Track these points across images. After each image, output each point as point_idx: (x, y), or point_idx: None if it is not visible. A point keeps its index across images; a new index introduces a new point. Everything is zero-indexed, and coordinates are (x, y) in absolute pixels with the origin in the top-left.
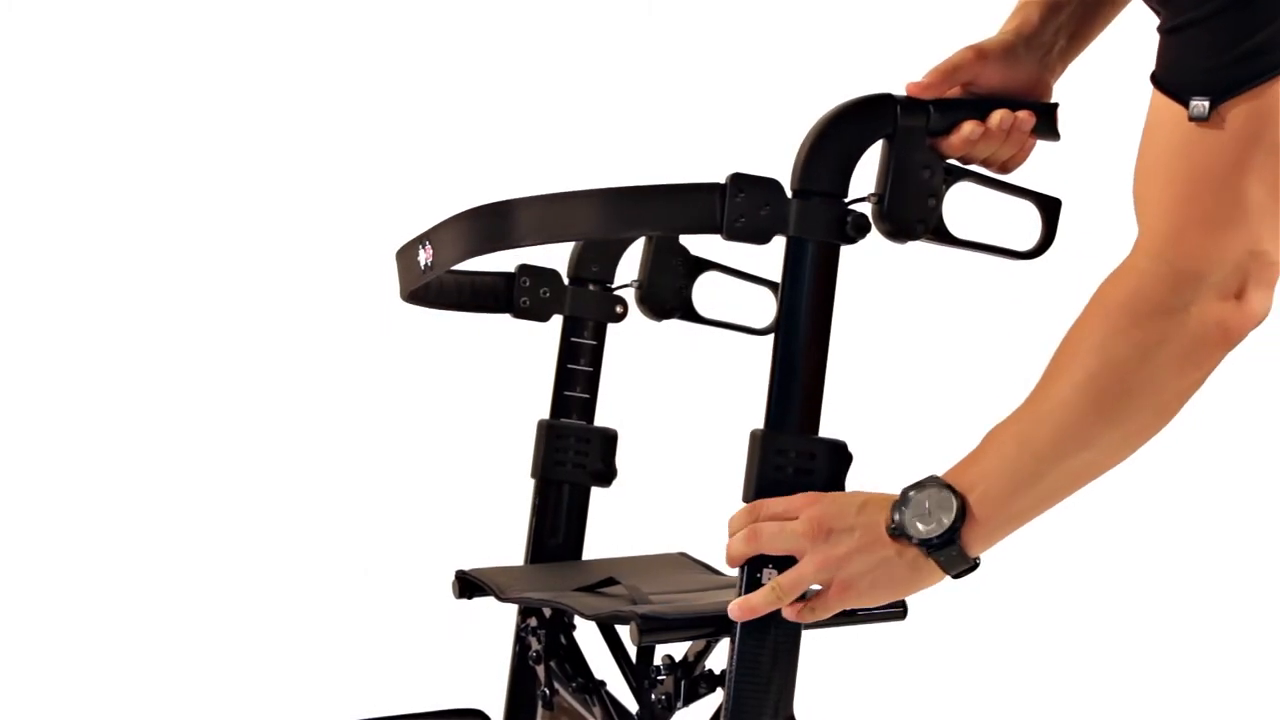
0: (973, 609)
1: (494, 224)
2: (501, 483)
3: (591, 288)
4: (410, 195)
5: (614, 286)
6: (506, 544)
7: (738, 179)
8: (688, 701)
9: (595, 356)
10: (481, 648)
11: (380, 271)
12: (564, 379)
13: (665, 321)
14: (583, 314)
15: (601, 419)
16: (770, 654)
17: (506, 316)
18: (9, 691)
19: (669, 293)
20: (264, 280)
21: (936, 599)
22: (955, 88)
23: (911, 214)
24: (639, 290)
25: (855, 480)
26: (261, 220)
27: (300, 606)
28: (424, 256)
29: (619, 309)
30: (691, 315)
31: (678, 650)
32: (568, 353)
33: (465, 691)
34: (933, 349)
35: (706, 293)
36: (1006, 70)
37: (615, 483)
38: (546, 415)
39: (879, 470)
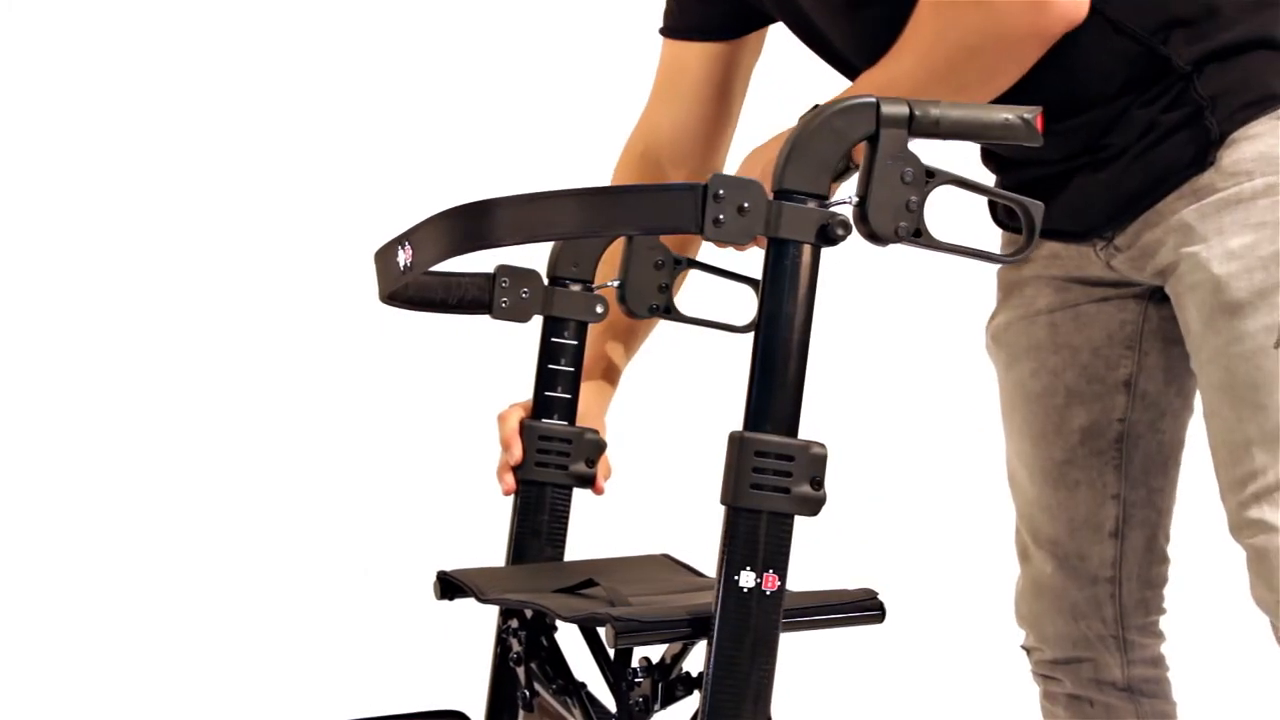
0: (949, 611)
1: (473, 223)
2: (483, 484)
3: (572, 287)
4: (393, 197)
5: (594, 286)
6: (488, 545)
7: (718, 180)
8: (665, 704)
9: (576, 357)
10: (462, 649)
11: (369, 278)
12: (545, 380)
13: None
14: (563, 314)
15: None
16: (748, 656)
17: (486, 317)
18: (9, 691)
19: (649, 291)
20: (258, 285)
21: (915, 602)
22: None
23: (891, 217)
24: (619, 289)
25: (834, 482)
26: (252, 224)
27: (280, 608)
28: (403, 257)
29: (599, 309)
30: (672, 314)
31: (656, 652)
32: (549, 353)
33: (445, 693)
34: (911, 351)
35: (687, 291)
36: None
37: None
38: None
39: (858, 472)
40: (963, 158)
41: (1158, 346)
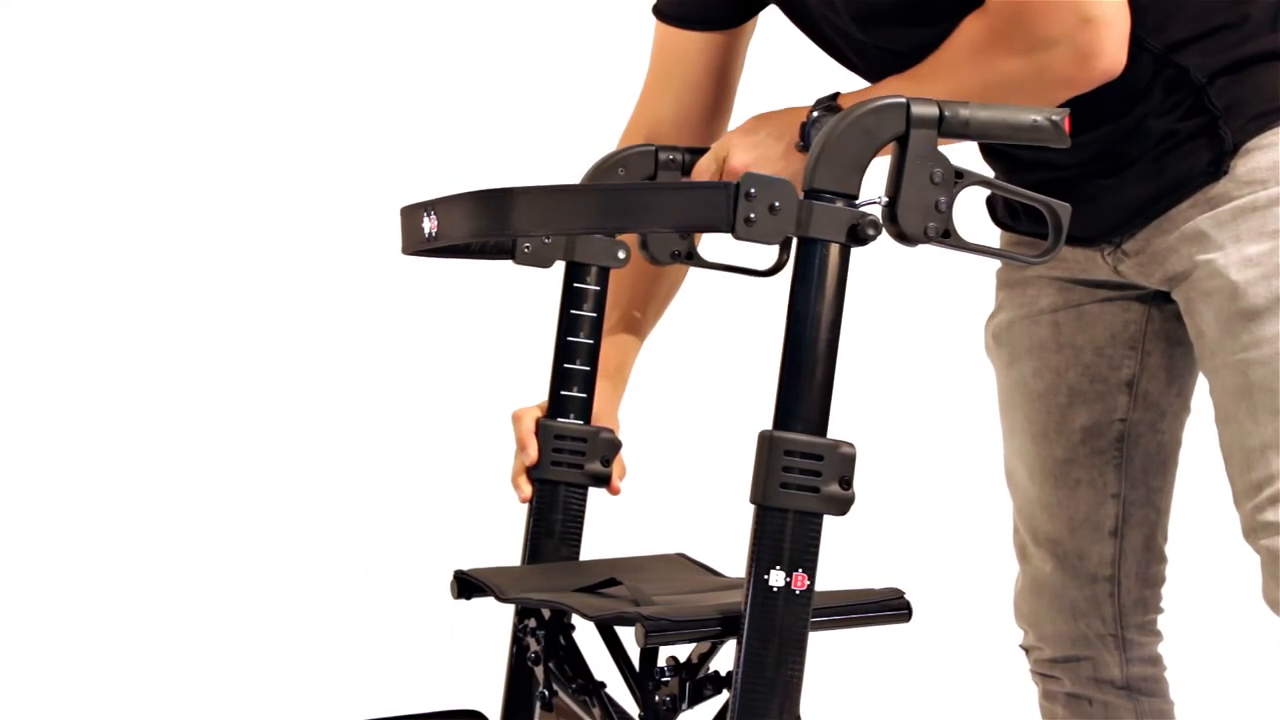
0: (976, 610)
1: (501, 210)
2: (495, 483)
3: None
4: (397, 194)
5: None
6: (503, 544)
7: (750, 178)
8: (692, 703)
9: (598, 303)
10: (477, 649)
11: (375, 275)
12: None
13: (666, 322)
14: (585, 259)
15: None
16: (776, 655)
17: (488, 316)
18: (9, 691)
19: (671, 237)
20: (264, 283)
21: (941, 601)
22: None
23: (921, 218)
24: (641, 235)
25: (863, 482)
26: (257, 220)
27: (296, 607)
28: (428, 225)
29: (621, 254)
30: (694, 259)
31: (681, 651)
32: (571, 299)
33: (460, 692)
34: (939, 351)
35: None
36: None
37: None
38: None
39: (887, 471)
40: (961, 156)
41: (1160, 347)
